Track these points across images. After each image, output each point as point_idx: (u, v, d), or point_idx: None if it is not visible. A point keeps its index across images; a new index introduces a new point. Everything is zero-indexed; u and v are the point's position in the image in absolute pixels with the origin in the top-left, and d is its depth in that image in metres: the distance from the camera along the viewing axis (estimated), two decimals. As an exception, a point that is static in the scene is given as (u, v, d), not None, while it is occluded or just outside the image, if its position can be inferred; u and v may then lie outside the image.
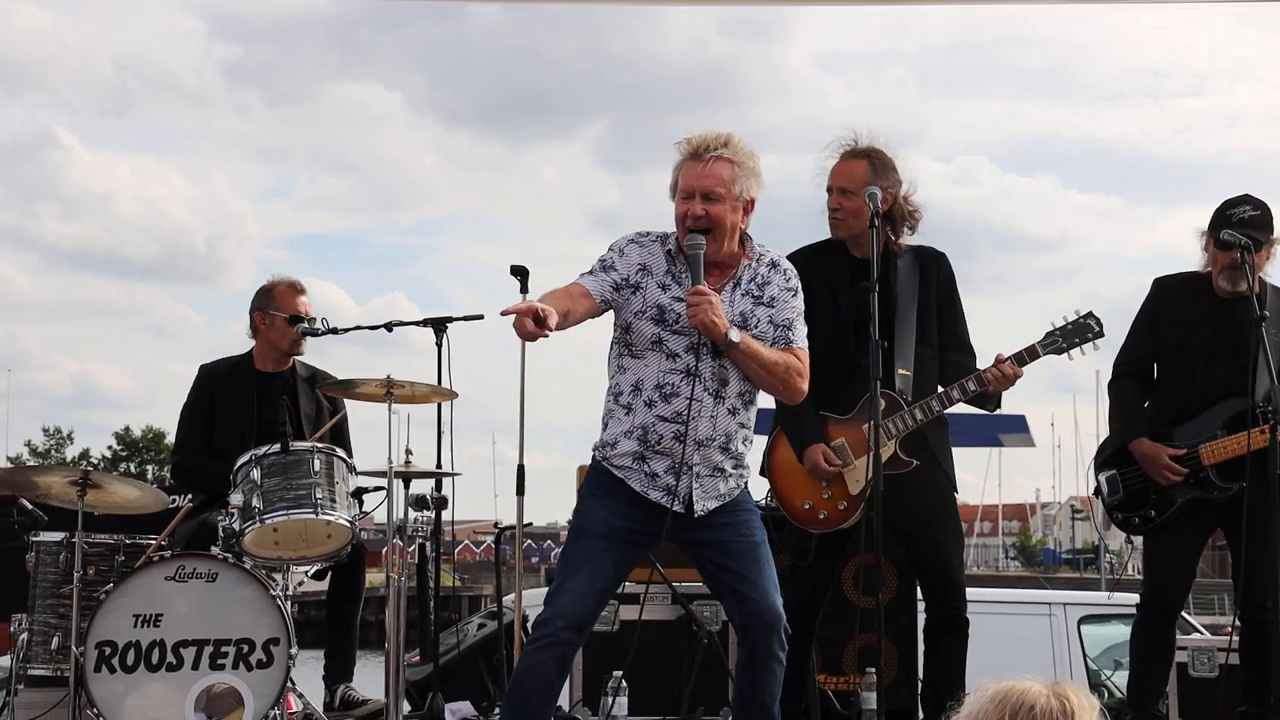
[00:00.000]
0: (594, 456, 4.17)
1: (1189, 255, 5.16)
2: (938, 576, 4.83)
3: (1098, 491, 5.26)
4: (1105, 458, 5.24)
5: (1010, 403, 4.96)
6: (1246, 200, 4.91)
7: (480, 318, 5.65)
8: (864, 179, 4.68)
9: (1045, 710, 2.05)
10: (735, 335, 3.99)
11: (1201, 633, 6.79)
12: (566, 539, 4.12)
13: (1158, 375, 5.18)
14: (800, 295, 4.21)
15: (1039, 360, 4.84)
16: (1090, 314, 4.89)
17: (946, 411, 4.85)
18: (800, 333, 4.18)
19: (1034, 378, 5.34)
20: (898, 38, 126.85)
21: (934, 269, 4.89)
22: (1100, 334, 4.89)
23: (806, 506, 4.79)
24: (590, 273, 4.11)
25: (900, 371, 4.75)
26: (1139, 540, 5.39)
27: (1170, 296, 5.11)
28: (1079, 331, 4.86)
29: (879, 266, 4.47)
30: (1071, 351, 4.86)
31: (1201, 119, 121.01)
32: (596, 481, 4.14)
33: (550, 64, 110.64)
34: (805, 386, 4.17)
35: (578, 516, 4.13)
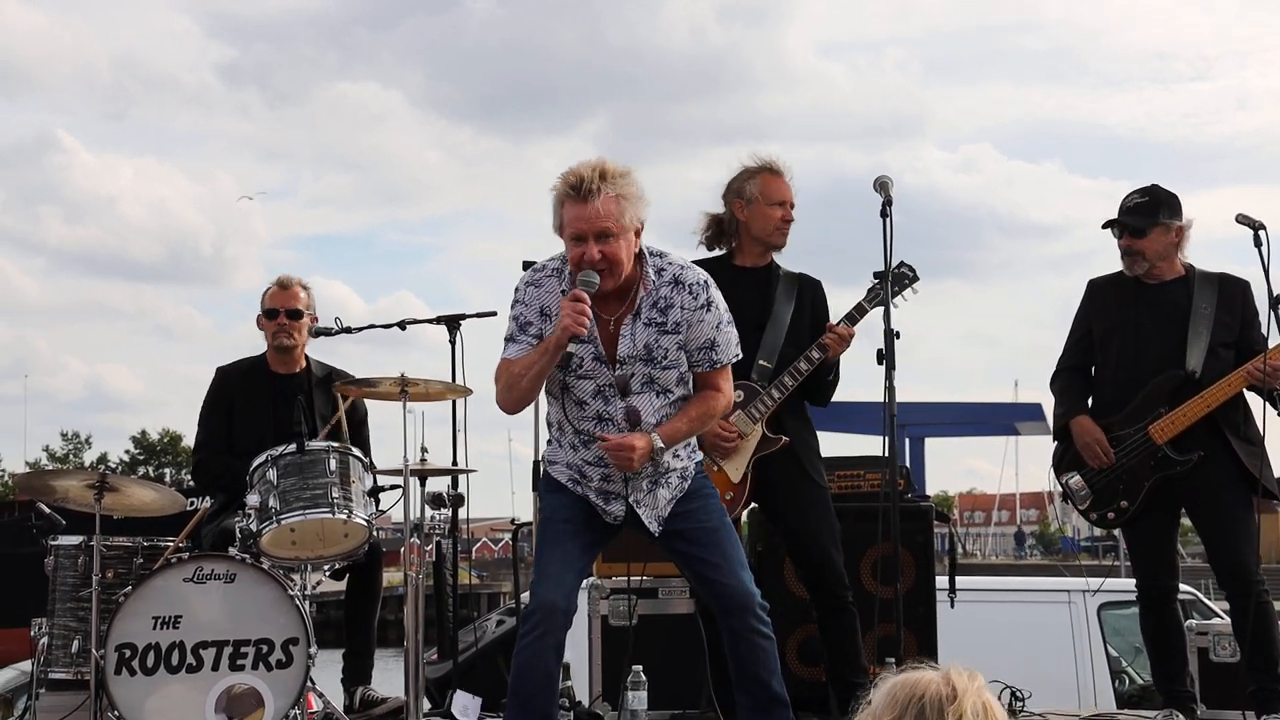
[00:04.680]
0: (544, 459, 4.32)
1: (1199, 239, 5.30)
2: (820, 567, 4.96)
3: (1065, 496, 5.40)
4: (1060, 458, 5.35)
5: (1026, 391, 5.03)
6: (1136, 190, 5.19)
7: (493, 314, 5.64)
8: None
9: (934, 696, 2.11)
10: (659, 441, 4.05)
11: (1222, 618, 6.75)
12: (537, 532, 4.23)
13: (1095, 368, 5.34)
14: (714, 308, 4.14)
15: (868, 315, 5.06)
16: (903, 262, 5.13)
17: (965, 404, 4.91)
18: (723, 347, 4.17)
19: (1051, 364, 5.38)
20: (901, 21, 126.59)
21: (809, 290, 5.13)
22: (916, 278, 5.14)
23: None
24: (513, 340, 4.11)
25: (760, 362, 4.96)
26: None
27: (1100, 292, 5.34)
28: (897, 280, 5.08)
29: (762, 276, 5.06)
30: (895, 300, 5.04)
31: (1209, 102, 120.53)
32: (549, 480, 4.27)
33: (549, 56, 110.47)
34: (730, 399, 4.29)
35: (542, 510, 4.27)
